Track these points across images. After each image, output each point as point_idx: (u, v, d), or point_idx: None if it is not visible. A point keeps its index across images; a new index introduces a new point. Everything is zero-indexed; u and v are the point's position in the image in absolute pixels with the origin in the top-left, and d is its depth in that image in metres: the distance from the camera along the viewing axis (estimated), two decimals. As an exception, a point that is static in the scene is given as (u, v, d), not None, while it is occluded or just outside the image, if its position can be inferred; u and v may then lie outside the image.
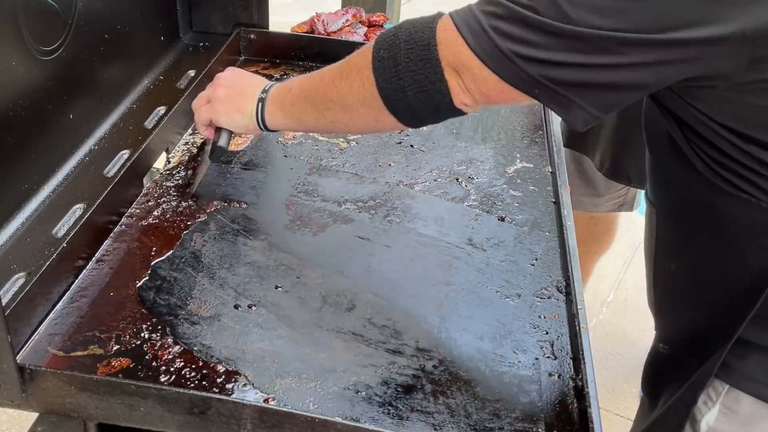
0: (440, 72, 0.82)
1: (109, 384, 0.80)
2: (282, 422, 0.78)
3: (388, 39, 0.87)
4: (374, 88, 0.87)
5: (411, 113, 0.88)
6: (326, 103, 0.95)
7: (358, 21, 1.80)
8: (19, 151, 0.99)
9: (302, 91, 0.99)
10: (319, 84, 0.96)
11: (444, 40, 0.82)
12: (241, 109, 1.06)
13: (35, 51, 1.00)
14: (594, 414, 0.79)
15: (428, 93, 0.84)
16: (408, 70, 0.84)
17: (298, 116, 1.00)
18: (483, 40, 0.78)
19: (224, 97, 1.08)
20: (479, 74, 0.80)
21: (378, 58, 0.87)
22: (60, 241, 0.94)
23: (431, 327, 0.93)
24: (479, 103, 0.84)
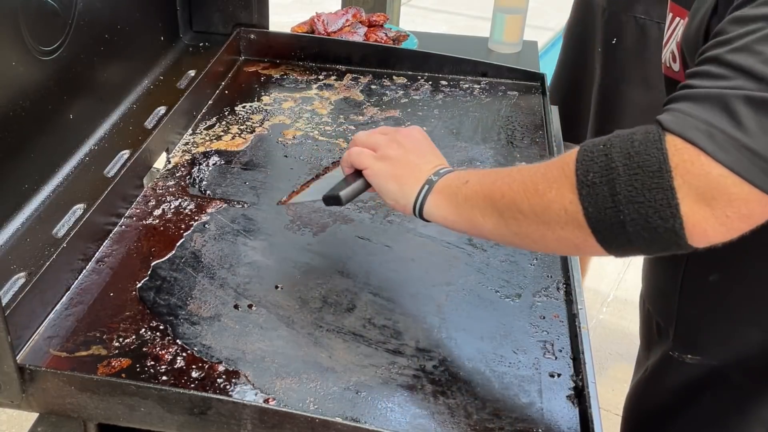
0: (676, 205, 0.67)
1: (109, 384, 0.80)
2: (282, 422, 0.78)
3: (598, 159, 0.71)
4: (581, 215, 0.72)
5: (627, 247, 0.72)
6: (513, 213, 0.78)
7: (359, 21, 1.80)
8: (19, 151, 0.99)
9: (483, 189, 0.82)
10: (507, 188, 0.79)
11: (683, 162, 0.67)
12: (401, 181, 0.90)
13: (35, 51, 1.00)
14: (594, 414, 0.79)
15: (656, 231, 0.69)
16: (630, 201, 0.69)
17: (473, 216, 0.83)
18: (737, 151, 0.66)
19: (393, 158, 0.92)
20: (740, 194, 0.66)
21: (586, 182, 0.71)
22: (60, 241, 0.94)
23: (431, 327, 0.93)
24: (736, 232, 0.70)
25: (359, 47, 1.58)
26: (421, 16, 4.74)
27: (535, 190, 0.76)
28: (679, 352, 1.03)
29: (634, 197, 0.68)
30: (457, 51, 1.57)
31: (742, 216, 0.68)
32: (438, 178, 0.88)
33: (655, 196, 0.68)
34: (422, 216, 0.89)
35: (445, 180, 0.87)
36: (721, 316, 0.97)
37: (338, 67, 1.55)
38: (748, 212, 0.68)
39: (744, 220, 0.69)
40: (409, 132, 0.96)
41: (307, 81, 1.50)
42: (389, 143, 0.94)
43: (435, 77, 1.52)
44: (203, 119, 1.34)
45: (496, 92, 1.49)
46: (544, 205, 0.75)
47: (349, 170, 0.96)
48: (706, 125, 0.67)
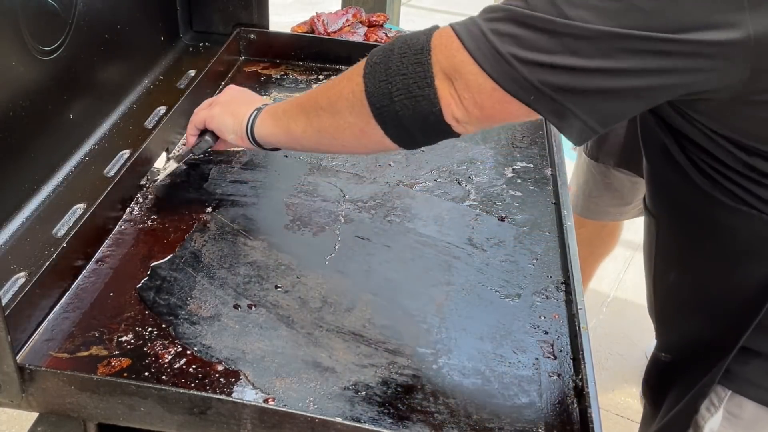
0: (431, 77, 0.78)
1: (109, 384, 0.80)
2: (282, 422, 0.78)
3: (384, 47, 0.84)
4: (363, 94, 0.83)
5: (398, 123, 0.83)
6: (315, 109, 0.91)
7: (358, 21, 1.80)
8: (19, 151, 0.99)
9: (297, 100, 0.97)
10: (313, 92, 0.94)
11: (439, 45, 0.78)
12: (235, 113, 1.04)
13: (35, 51, 1.00)
14: (594, 414, 0.79)
15: (416, 99, 0.80)
16: (398, 73, 0.80)
17: (287, 124, 0.96)
18: (481, 43, 0.75)
19: (224, 102, 1.08)
20: (474, 81, 0.76)
21: (370, 63, 0.84)
22: (60, 241, 0.94)
23: (431, 327, 0.93)
24: (472, 117, 0.79)
25: (359, 47, 1.57)
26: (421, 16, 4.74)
27: (333, 85, 0.89)
28: (658, 350, 1.08)
29: (400, 70, 0.80)
30: (457, 51, 1.56)
31: (475, 103, 0.78)
32: (265, 106, 1.02)
33: (416, 69, 0.79)
34: (255, 140, 1.02)
35: (272, 106, 1.02)
36: (680, 313, 1.02)
37: (338, 67, 1.55)
38: (480, 101, 0.77)
39: (477, 107, 0.78)
40: (236, 86, 1.16)
41: (307, 81, 1.50)
42: (218, 96, 1.11)
43: (435, 77, 1.52)
44: (203, 119, 1.34)
45: (496, 92, 1.49)
46: (337, 94, 0.88)
47: (193, 133, 1.11)
48: (473, 24, 0.77)
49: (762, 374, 0.92)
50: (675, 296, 1.02)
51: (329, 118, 0.89)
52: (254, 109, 1.02)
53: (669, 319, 1.06)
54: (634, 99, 0.75)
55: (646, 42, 0.69)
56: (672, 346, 1.05)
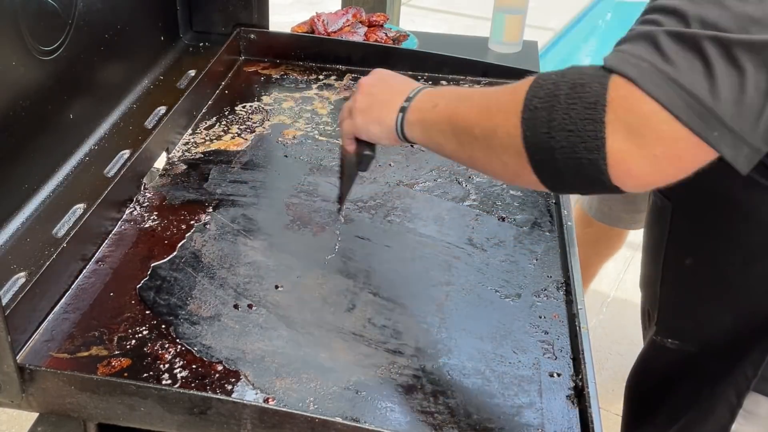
0: (602, 138, 0.68)
1: (109, 384, 0.80)
2: (282, 422, 0.78)
3: (546, 86, 0.73)
4: (520, 140, 0.74)
5: (557, 177, 0.74)
6: (468, 137, 0.82)
7: (359, 21, 1.80)
8: (19, 151, 0.99)
9: (447, 113, 0.85)
10: (466, 112, 0.83)
11: (617, 98, 0.68)
12: (380, 120, 0.93)
13: (35, 51, 1.00)
14: (594, 414, 0.79)
15: (581, 162, 0.70)
16: (563, 128, 0.70)
17: (437, 140, 0.87)
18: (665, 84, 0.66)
19: (365, 108, 0.96)
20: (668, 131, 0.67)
21: (530, 107, 0.73)
22: (60, 241, 0.94)
23: (431, 327, 0.93)
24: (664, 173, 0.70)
25: (359, 47, 1.58)
26: (421, 16, 4.74)
27: (488, 114, 0.79)
28: (662, 336, 1.05)
29: (567, 125, 0.70)
30: (457, 51, 1.56)
31: (671, 157, 0.68)
32: (409, 104, 0.90)
33: (585, 126, 0.69)
34: (407, 140, 0.92)
35: (417, 104, 0.90)
36: (696, 299, 0.99)
37: (338, 67, 1.55)
38: (678, 153, 0.68)
39: (673, 162, 0.69)
40: (367, 79, 0.99)
41: (307, 81, 1.50)
42: (354, 99, 0.98)
43: (435, 77, 1.52)
44: (203, 119, 1.34)
45: (496, 92, 1.49)
46: (492, 128, 0.78)
47: (351, 145, 1.00)
48: (638, 59, 0.68)
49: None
50: (690, 282, 0.99)
51: (482, 151, 0.81)
52: (398, 113, 0.91)
53: (681, 305, 1.03)
54: None
55: None
56: (683, 333, 1.02)
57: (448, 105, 0.86)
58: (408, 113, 0.90)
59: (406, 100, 0.91)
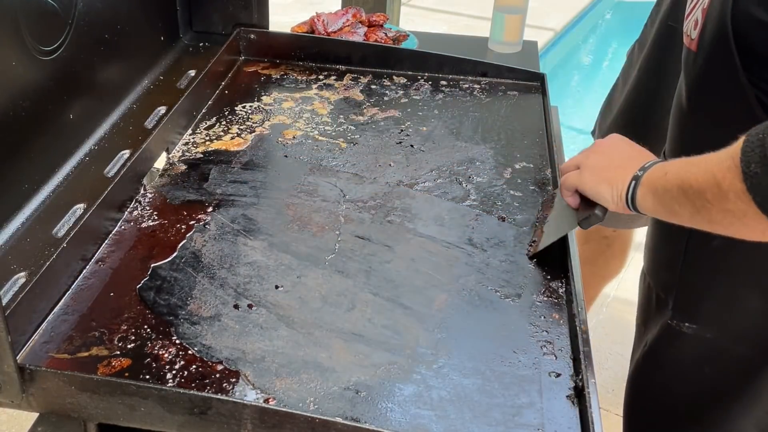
0: None
1: (109, 384, 0.80)
2: (282, 422, 0.78)
3: (757, 148, 0.74)
4: (753, 206, 0.75)
5: None
6: (702, 202, 0.82)
7: (358, 21, 1.80)
8: (19, 151, 0.99)
9: (677, 180, 0.86)
10: (694, 178, 0.83)
11: None
12: (611, 182, 0.95)
13: (35, 51, 1.00)
14: (594, 414, 0.79)
15: None
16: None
17: (671, 206, 0.88)
18: None
19: (595, 166, 0.98)
20: None
21: (749, 173, 0.75)
22: (60, 241, 0.94)
23: (431, 327, 0.93)
24: None
25: (359, 47, 1.58)
26: (421, 16, 4.74)
27: (714, 180, 0.79)
28: (678, 320, 1.05)
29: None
30: (457, 51, 1.57)
31: None
32: (643, 173, 0.91)
33: None
34: (636, 209, 0.93)
35: (650, 173, 0.91)
36: (722, 281, 0.99)
37: (338, 67, 1.55)
38: None
39: None
40: (605, 141, 1.02)
41: (307, 81, 1.50)
42: (588, 156, 1.00)
43: (435, 77, 1.52)
44: (203, 119, 1.34)
45: (496, 92, 1.49)
46: (723, 194, 0.78)
47: (572, 198, 1.02)
48: None
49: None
50: (716, 264, 0.98)
51: (720, 214, 0.81)
52: (632, 178, 0.93)
53: (705, 288, 1.01)
54: None
55: None
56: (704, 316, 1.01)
57: (677, 172, 0.87)
58: (641, 182, 0.91)
59: (641, 170, 0.92)
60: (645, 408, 1.17)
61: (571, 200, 1.02)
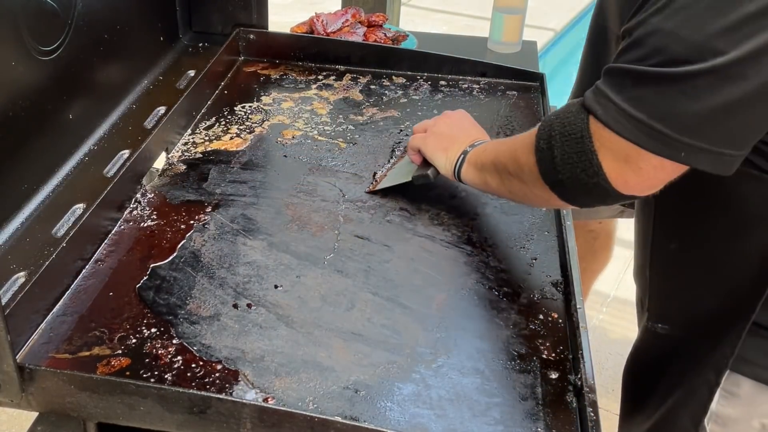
0: (597, 164, 0.81)
1: (108, 383, 0.80)
2: (281, 421, 0.78)
3: (546, 128, 0.87)
4: (539, 175, 0.89)
5: (578, 200, 0.89)
6: (506, 173, 0.97)
7: (358, 21, 1.80)
8: (19, 151, 0.99)
9: (492, 154, 1.01)
10: (503, 155, 0.98)
11: (596, 133, 0.81)
12: (447, 151, 1.09)
13: (35, 51, 1.00)
14: (594, 414, 0.79)
15: (588, 186, 0.84)
16: (565, 162, 0.85)
17: (485, 178, 1.02)
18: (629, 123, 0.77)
19: (439, 134, 1.12)
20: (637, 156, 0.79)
21: (539, 148, 0.88)
22: (60, 241, 0.94)
23: (431, 327, 0.93)
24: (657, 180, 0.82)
25: (359, 47, 1.58)
26: (421, 16, 4.74)
27: (515, 156, 0.94)
28: (653, 322, 1.09)
29: (567, 159, 0.84)
30: (457, 51, 1.57)
31: (655, 168, 0.79)
32: (471, 149, 1.06)
33: (581, 158, 0.82)
34: (460, 179, 1.08)
35: (475, 150, 1.06)
36: (682, 282, 1.03)
37: (337, 67, 1.55)
38: (659, 164, 0.79)
39: (658, 171, 0.80)
40: (454, 114, 1.17)
41: (306, 81, 1.50)
42: (435, 123, 1.15)
43: (434, 77, 1.53)
44: (203, 119, 1.35)
45: (495, 92, 1.49)
46: (520, 167, 0.93)
47: (416, 157, 1.15)
48: (605, 99, 0.80)
49: (759, 352, 0.92)
50: (677, 266, 1.03)
51: (518, 185, 0.95)
52: (462, 152, 1.07)
53: (669, 289, 1.06)
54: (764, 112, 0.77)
55: None
56: (671, 317, 1.05)
57: (493, 149, 1.02)
58: (467, 158, 1.06)
59: (470, 146, 1.07)
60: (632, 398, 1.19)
61: (414, 158, 1.15)
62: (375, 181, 1.19)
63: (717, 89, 0.73)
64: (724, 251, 0.93)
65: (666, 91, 0.75)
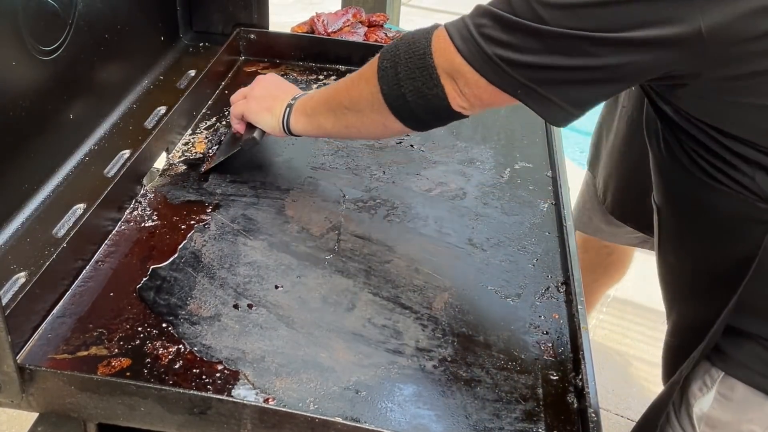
0: (437, 78, 0.88)
1: (109, 384, 0.80)
2: (282, 422, 0.78)
3: (390, 49, 0.93)
4: (380, 95, 0.94)
5: (414, 117, 0.94)
6: (341, 109, 1.02)
7: (358, 21, 1.80)
8: (19, 151, 0.99)
9: (322, 97, 1.07)
10: (336, 91, 1.04)
11: (438, 49, 0.88)
12: (271, 109, 1.13)
13: (35, 51, 1.00)
14: (594, 414, 0.79)
15: (427, 98, 0.90)
16: (407, 77, 0.90)
17: (318, 121, 1.07)
18: (472, 46, 0.84)
19: (259, 97, 1.16)
20: (471, 79, 0.86)
21: (382, 67, 0.93)
22: (60, 241, 0.94)
23: (431, 327, 0.93)
24: (475, 106, 0.90)
25: (359, 47, 1.57)
26: (421, 16, 4.73)
27: (353, 83, 1.00)
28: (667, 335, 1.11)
29: (408, 74, 0.90)
30: (457, 51, 1.56)
31: (475, 96, 0.88)
32: (295, 101, 1.11)
33: (422, 72, 0.89)
34: (291, 132, 1.12)
35: (301, 100, 1.11)
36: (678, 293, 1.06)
37: (338, 67, 1.55)
38: (479, 95, 0.87)
39: (477, 99, 0.88)
40: (265, 76, 1.22)
41: (307, 81, 1.50)
42: (252, 88, 1.19)
43: (435, 77, 1.52)
44: (203, 119, 1.34)
45: (496, 92, 1.49)
46: (357, 95, 0.98)
47: (240, 124, 1.20)
48: (464, 28, 0.86)
49: (753, 357, 0.93)
50: (674, 278, 1.06)
51: (354, 116, 1.00)
52: (286, 105, 1.11)
53: (671, 301, 1.09)
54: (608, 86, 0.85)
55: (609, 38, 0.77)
56: (675, 329, 1.08)
57: (322, 93, 1.07)
58: (293, 108, 1.11)
59: (293, 99, 1.12)
60: None
61: (238, 126, 1.20)
62: (207, 161, 1.21)
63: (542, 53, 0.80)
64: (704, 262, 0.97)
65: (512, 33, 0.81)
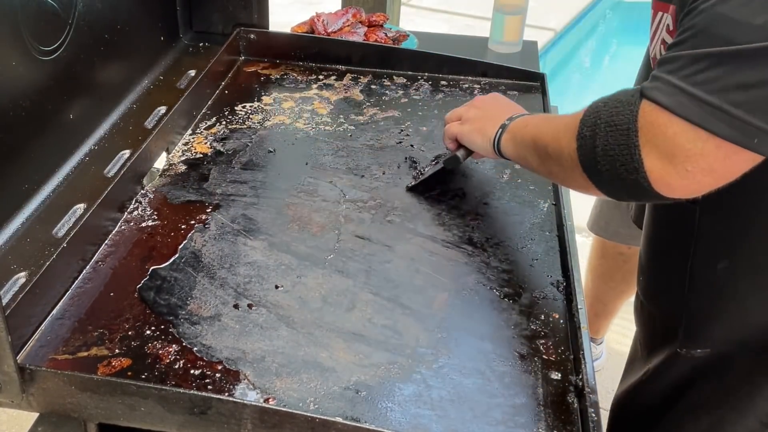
0: (639, 161, 0.77)
1: (109, 384, 0.80)
2: (282, 422, 0.78)
3: (592, 115, 0.83)
4: (578, 162, 0.85)
5: (617, 194, 0.86)
6: (545, 154, 0.94)
7: (358, 21, 1.80)
8: (19, 151, 0.99)
9: (530, 133, 1.00)
10: (544, 133, 0.95)
11: (647, 124, 0.77)
12: (483, 131, 1.09)
13: (35, 51, 1.00)
14: (594, 414, 0.79)
15: (626, 181, 0.80)
16: (606, 154, 0.81)
17: (525, 155, 1.01)
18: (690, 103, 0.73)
19: (473, 118, 1.13)
20: (695, 148, 0.74)
21: (581, 135, 0.84)
22: (60, 241, 0.94)
23: (431, 327, 0.93)
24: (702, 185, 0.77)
25: (359, 47, 1.58)
26: (421, 16, 4.74)
27: (557, 137, 0.90)
28: (688, 348, 1.04)
29: (608, 151, 0.80)
30: (457, 51, 1.57)
31: (703, 170, 0.75)
32: (510, 122, 1.05)
33: (622, 151, 0.78)
34: (501, 154, 1.07)
35: (515, 123, 1.05)
36: (731, 304, 0.98)
37: (338, 67, 1.55)
38: (708, 166, 0.75)
39: (706, 173, 0.76)
40: (484, 97, 1.19)
41: (307, 81, 1.50)
42: (468, 109, 1.16)
43: (435, 77, 1.52)
44: (203, 119, 1.34)
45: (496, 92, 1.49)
46: (560, 151, 0.89)
47: (452, 144, 1.17)
48: (665, 84, 0.76)
49: None
50: (725, 285, 0.98)
51: (558, 168, 0.92)
52: (500, 126, 1.06)
53: (716, 310, 1.00)
54: None
55: None
56: (715, 339, 1.01)
57: (536, 126, 1.00)
58: (506, 130, 1.05)
59: (509, 119, 1.06)
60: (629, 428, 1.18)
61: (451, 146, 1.17)
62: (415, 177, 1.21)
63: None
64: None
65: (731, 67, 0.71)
